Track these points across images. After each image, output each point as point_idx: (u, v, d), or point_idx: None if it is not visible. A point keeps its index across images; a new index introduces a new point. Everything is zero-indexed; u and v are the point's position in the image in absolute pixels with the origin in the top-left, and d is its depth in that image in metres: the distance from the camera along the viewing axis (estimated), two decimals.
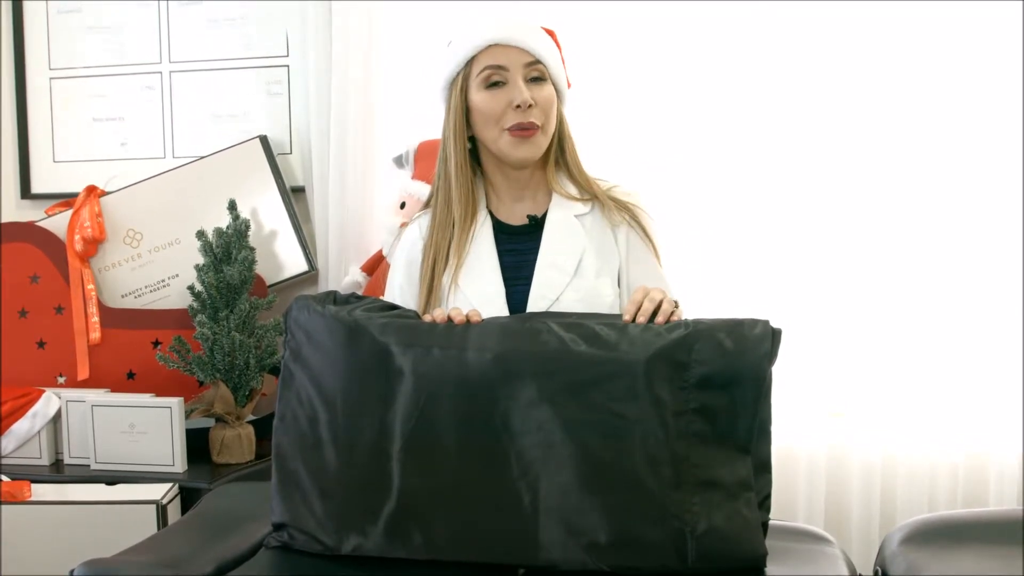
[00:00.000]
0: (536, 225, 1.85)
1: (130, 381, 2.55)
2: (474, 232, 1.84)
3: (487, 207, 1.87)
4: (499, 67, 1.78)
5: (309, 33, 2.60)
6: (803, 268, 2.48)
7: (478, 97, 1.79)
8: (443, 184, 1.86)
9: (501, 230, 1.86)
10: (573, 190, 1.87)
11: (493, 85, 1.79)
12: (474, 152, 1.87)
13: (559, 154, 1.86)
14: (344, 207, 2.59)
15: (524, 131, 1.77)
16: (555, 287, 1.79)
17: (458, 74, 1.82)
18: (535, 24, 1.85)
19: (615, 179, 1.93)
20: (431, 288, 1.83)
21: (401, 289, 1.90)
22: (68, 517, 2.13)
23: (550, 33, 1.88)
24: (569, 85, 1.91)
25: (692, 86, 2.51)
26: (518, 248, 1.84)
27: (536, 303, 1.78)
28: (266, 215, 2.63)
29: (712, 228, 2.51)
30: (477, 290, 1.80)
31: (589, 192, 1.86)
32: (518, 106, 1.76)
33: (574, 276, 1.79)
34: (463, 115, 1.82)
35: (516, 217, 1.86)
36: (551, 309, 1.77)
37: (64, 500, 2.17)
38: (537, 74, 1.80)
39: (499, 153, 1.82)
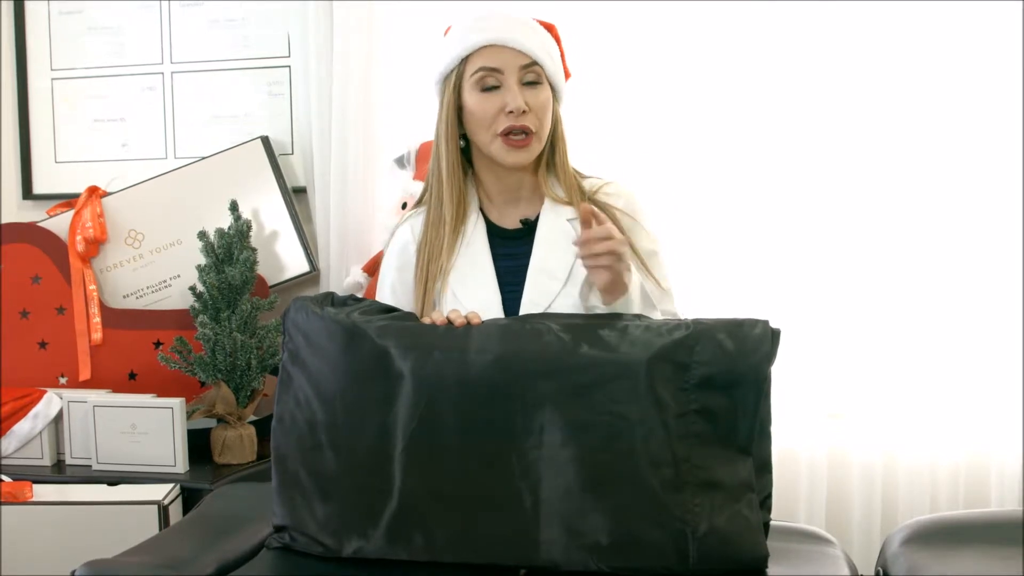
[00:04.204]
0: (529, 229, 1.80)
1: (132, 382, 2.55)
2: (466, 235, 1.80)
3: (480, 209, 1.83)
4: (493, 69, 1.73)
5: (310, 34, 2.60)
6: (802, 268, 2.47)
7: (471, 99, 1.75)
8: (435, 183, 1.82)
9: (495, 233, 1.82)
10: (563, 193, 1.82)
11: (487, 88, 1.74)
12: (467, 151, 1.82)
13: (550, 155, 1.82)
14: (345, 208, 2.59)
15: (517, 141, 1.73)
16: (548, 294, 1.75)
17: (452, 71, 1.77)
18: (532, 21, 1.80)
19: (611, 176, 1.88)
20: (426, 289, 1.80)
21: (393, 289, 1.86)
22: (69, 518, 2.13)
23: (549, 27, 1.83)
24: (569, 75, 1.86)
25: (691, 85, 2.50)
26: (512, 252, 1.80)
27: (528, 309, 1.75)
28: (267, 216, 2.63)
29: (712, 228, 2.51)
30: (472, 295, 1.77)
31: (571, 195, 1.80)
32: (511, 112, 1.72)
33: (566, 283, 1.75)
34: (456, 113, 1.77)
35: (509, 220, 1.83)
36: None
37: (65, 501, 2.18)
38: (533, 76, 1.75)
39: (491, 157, 1.77)
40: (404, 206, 2.49)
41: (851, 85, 2.45)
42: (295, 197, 2.68)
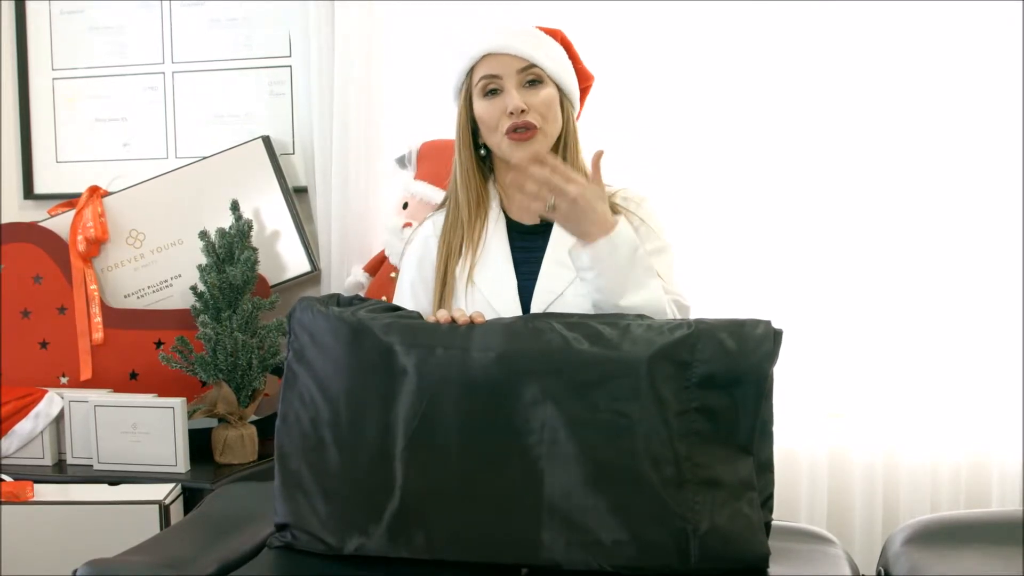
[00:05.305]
0: (548, 225, 1.86)
1: (133, 381, 2.55)
2: (487, 232, 1.88)
3: (501, 207, 1.90)
4: (493, 76, 1.83)
5: (312, 33, 2.60)
6: (804, 269, 2.47)
7: (479, 106, 1.85)
8: (453, 188, 1.92)
9: (514, 228, 1.89)
10: None
11: (490, 93, 1.84)
12: (490, 156, 1.91)
13: (563, 156, 1.88)
14: (347, 207, 2.59)
15: (521, 133, 1.81)
16: (561, 282, 1.81)
17: (462, 84, 1.89)
18: (530, 28, 1.89)
19: (624, 182, 1.94)
20: (444, 284, 1.87)
21: (412, 284, 1.92)
22: (71, 517, 2.13)
23: (554, 33, 1.91)
24: (592, 78, 1.96)
25: (695, 87, 2.50)
26: (529, 246, 1.87)
27: (542, 297, 1.81)
28: (268, 215, 2.63)
29: (714, 228, 2.51)
30: (490, 284, 1.84)
31: None
32: (511, 112, 1.80)
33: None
34: (469, 123, 1.88)
35: (529, 216, 1.89)
36: (556, 304, 1.79)
37: (67, 500, 2.17)
38: (533, 77, 1.84)
39: (503, 156, 1.86)
40: (405, 206, 2.49)
41: (853, 88, 2.44)
42: (296, 197, 2.68)
